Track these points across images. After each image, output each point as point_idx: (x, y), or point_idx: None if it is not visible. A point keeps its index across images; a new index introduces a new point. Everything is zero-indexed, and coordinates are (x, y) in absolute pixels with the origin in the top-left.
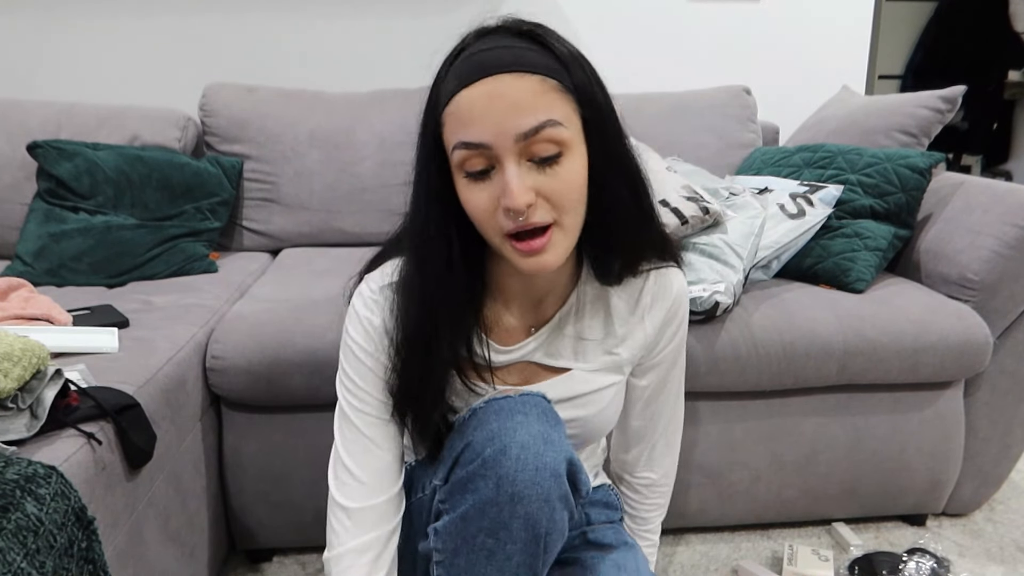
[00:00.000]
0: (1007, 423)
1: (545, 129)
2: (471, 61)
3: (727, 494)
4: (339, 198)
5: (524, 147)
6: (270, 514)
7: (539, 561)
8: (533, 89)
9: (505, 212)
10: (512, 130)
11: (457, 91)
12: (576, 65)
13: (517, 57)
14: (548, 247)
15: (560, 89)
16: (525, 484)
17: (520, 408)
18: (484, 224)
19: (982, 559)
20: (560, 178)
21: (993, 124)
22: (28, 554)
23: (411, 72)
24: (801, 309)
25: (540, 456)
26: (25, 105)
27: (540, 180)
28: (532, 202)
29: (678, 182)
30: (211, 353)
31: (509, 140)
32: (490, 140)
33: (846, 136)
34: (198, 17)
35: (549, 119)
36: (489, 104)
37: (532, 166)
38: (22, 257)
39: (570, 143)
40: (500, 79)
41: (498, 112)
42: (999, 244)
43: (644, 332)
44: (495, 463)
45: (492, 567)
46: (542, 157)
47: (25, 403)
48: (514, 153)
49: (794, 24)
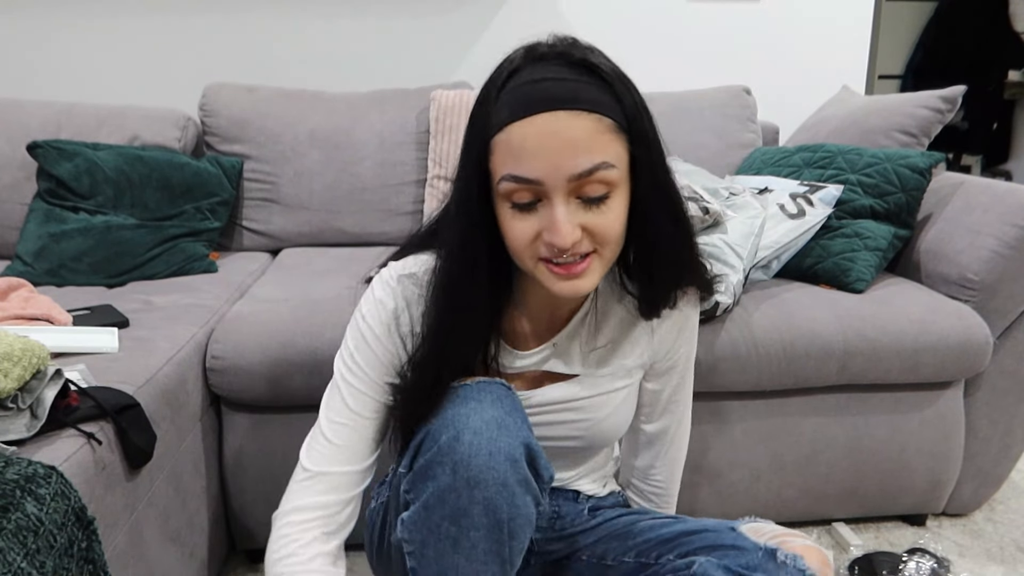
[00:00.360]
0: (1007, 423)
1: (599, 172)
2: (524, 92)
3: (727, 494)
4: (339, 198)
5: (575, 187)
6: (270, 514)
7: (505, 548)
8: (588, 129)
9: (548, 247)
10: (566, 171)
11: (510, 122)
12: (627, 95)
13: (574, 93)
14: (586, 273)
15: (614, 129)
16: (480, 469)
17: (474, 395)
18: (522, 251)
19: (982, 559)
20: (605, 216)
21: (993, 124)
22: (28, 554)
23: (411, 72)
24: (801, 309)
25: (494, 441)
26: (25, 105)
27: (586, 218)
28: (579, 239)
29: (678, 182)
30: (211, 353)
31: (562, 180)
32: (542, 177)
33: (846, 136)
34: (198, 17)
35: (604, 161)
36: (543, 142)
37: (580, 204)
38: (22, 257)
39: (618, 183)
40: (556, 116)
41: (552, 151)
42: (999, 244)
43: (653, 340)
44: (450, 450)
45: (459, 556)
46: (591, 197)
47: (25, 403)
48: (564, 192)
49: (794, 24)
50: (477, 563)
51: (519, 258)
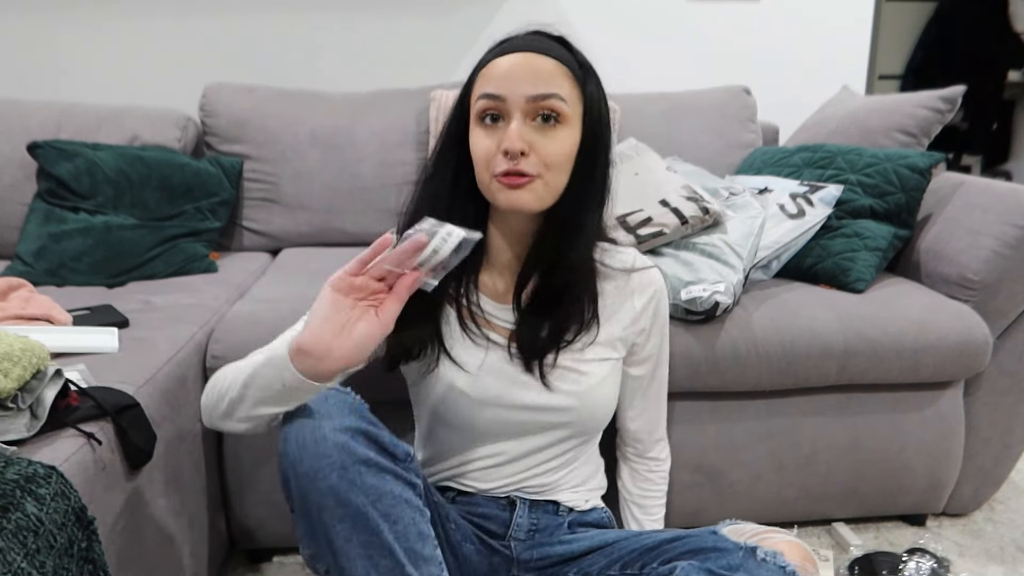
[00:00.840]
0: (1007, 423)
1: (551, 99)
2: (510, 42)
3: (727, 494)
4: (339, 198)
5: (531, 108)
6: (270, 514)
7: (387, 534)
8: (551, 69)
9: (503, 154)
10: (525, 91)
11: (493, 58)
12: (592, 78)
13: (547, 47)
14: (528, 187)
15: (572, 79)
16: (312, 460)
17: (300, 406)
18: (482, 165)
19: (982, 559)
20: (552, 140)
21: (993, 124)
22: (28, 554)
23: (411, 72)
24: (801, 309)
25: (316, 430)
26: (25, 105)
27: (536, 137)
28: (526, 150)
29: (678, 182)
30: (211, 353)
31: (520, 98)
32: (506, 94)
33: (846, 136)
34: (198, 17)
35: (557, 93)
36: (512, 68)
37: (534, 126)
38: (22, 257)
39: (568, 119)
40: (528, 55)
41: (518, 75)
42: (999, 244)
43: (632, 309)
44: (284, 456)
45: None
46: (543, 115)
47: (25, 403)
48: (521, 110)
49: (794, 24)
50: (362, 558)
51: (480, 174)
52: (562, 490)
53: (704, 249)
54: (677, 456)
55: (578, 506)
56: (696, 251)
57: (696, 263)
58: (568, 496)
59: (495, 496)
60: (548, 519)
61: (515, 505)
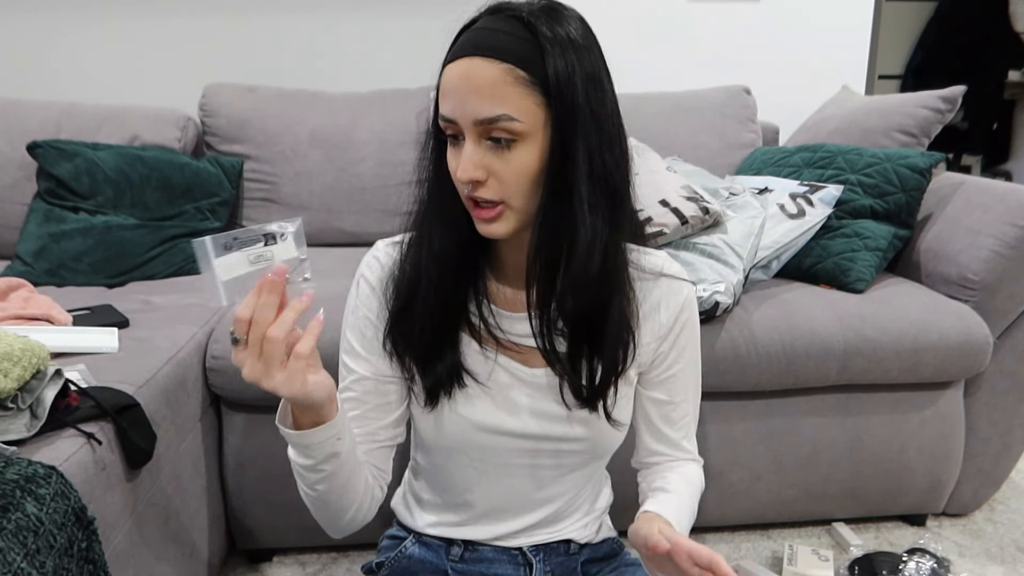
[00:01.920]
0: (1007, 423)
1: (500, 122)
2: (461, 38)
3: (727, 494)
4: (339, 198)
5: (482, 130)
6: (270, 514)
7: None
8: (495, 78)
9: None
10: (471, 115)
11: (445, 65)
12: (561, 59)
13: (494, 43)
14: (496, 220)
15: (526, 83)
16: None
17: None
18: (457, 189)
19: (982, 559)
20: (510, 163)
21: (993, 124)
22: (28, 554)
23: (411, 72)
24: (801, 309)
25: None
26: (25, 105)
27: (492, 161)
28: (479, 178)
29: (678, 182)
30: (211, 353)
31: (469, 121)
32: (456, 117)
33: (846, 136)
34: (198, 17)
35: (504, 113)
36: (457, 84)
37: (489, 146)
38: (22, 257)
39: (525, 135)
40: (471, 62)
41: (462, 94)
42: (999, 244)
43: (656, 323)
44: None
45: None
46: (496, 138)
47: (25, 403)
48: (474, 132)
49: (794, 24)
50: None
51: (461, 194)
52: (572, 522)
53: (704, 249)
54: None
55: (590, 539)
56: (696, 251)
57: (696, 263)
58: (578, 530)
59: (506, 547)
60: (560, 560)
61: (531, 564)
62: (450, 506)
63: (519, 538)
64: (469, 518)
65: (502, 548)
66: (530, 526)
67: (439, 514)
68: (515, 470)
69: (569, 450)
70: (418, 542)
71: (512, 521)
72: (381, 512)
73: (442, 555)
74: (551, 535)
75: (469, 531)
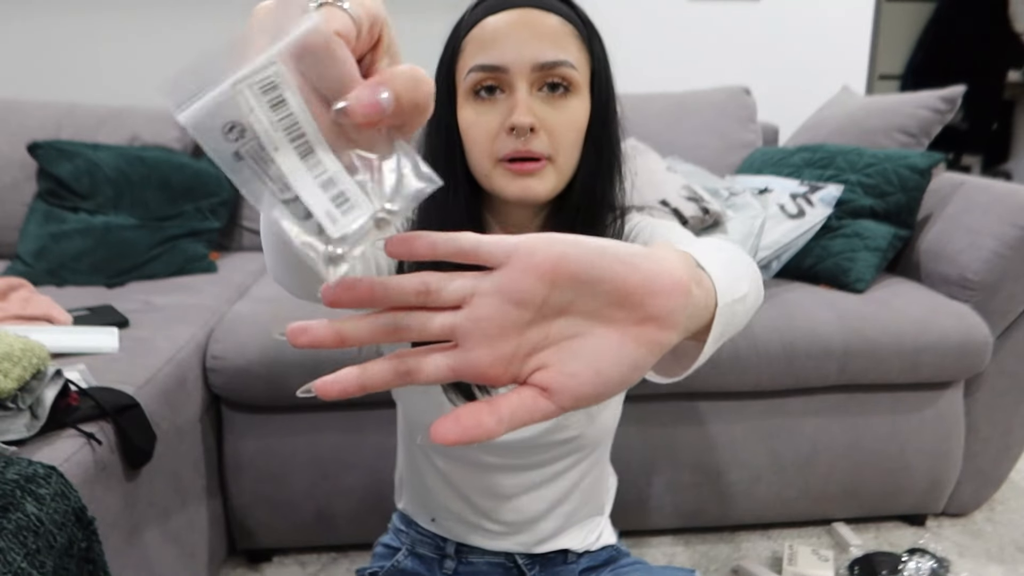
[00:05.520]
0: (1007, 423)
1: (562, 67)
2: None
3: (727, 494)
4: None
5: (538, 77)
6: (270, 514)
7: None
8: (558, 28)
9: (508, 131)
10: (532, 58)
11: (483, 17)
12: (596, 36)
13: (547, 2)
14: (540, 174)
15: (580, 40)
16: None
17: None
18: (481, 148)
19: (982, 559)
20: (564, 113)
21: (993, 124)
22: (28, 554)
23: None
24: (801, 309)
25: None
26: (25, 105)
27: (546, 111)
28: (536, 125)
29: (678, 182)
30: (211, 353)
31: (527, 67)
32: (508, 63)
33: (846, 136)
34: (198, 17)
35: (568, 60)
36: (514, 31)
37: (541, 97)
38: (22, 257)
39: (579, 87)
40: (528, 12)
41: (522, 39)
42: (999, 244)
43: None
44: None
45: None
46: (552, 84)
47: (25, 403)
48: (527, 80)
49: (794, 24)
50: None
51: (479, 160)
52: (567, 528)
53: None
54: (677, 456)
55: (589, 546)
56: None
57: None
58: (575, 540)
59: (500, 553)
60: (559, 571)
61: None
62: (449, 508)
63: (510, 538)
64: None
65: (496, 562)
66: (526, 530)
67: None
68: (510, 468)
69: (561, 439)
70: (411, 554)
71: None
72: (381, 512)
73: (435, 569)
74: (546, 542)
75: (469, 531)
